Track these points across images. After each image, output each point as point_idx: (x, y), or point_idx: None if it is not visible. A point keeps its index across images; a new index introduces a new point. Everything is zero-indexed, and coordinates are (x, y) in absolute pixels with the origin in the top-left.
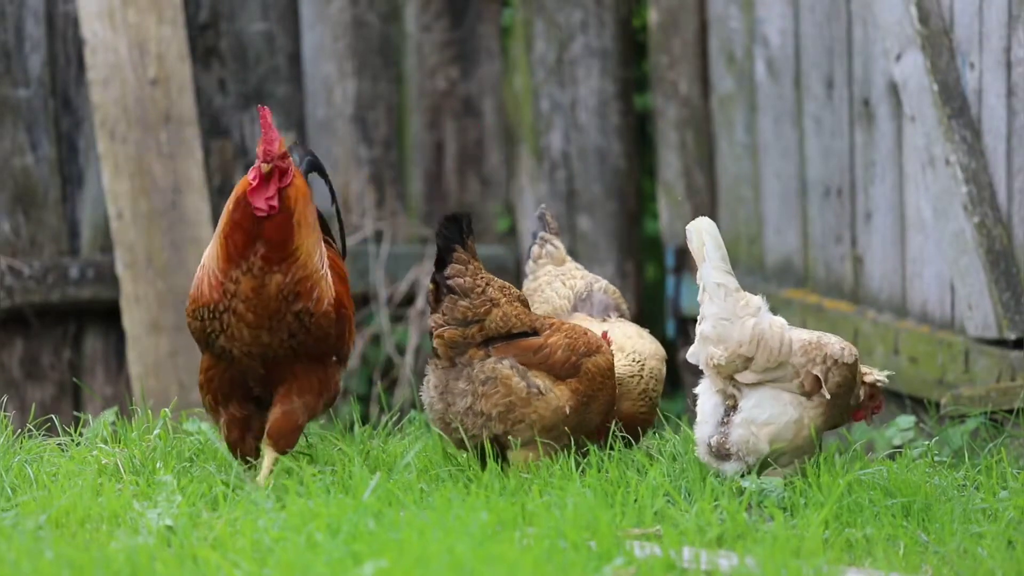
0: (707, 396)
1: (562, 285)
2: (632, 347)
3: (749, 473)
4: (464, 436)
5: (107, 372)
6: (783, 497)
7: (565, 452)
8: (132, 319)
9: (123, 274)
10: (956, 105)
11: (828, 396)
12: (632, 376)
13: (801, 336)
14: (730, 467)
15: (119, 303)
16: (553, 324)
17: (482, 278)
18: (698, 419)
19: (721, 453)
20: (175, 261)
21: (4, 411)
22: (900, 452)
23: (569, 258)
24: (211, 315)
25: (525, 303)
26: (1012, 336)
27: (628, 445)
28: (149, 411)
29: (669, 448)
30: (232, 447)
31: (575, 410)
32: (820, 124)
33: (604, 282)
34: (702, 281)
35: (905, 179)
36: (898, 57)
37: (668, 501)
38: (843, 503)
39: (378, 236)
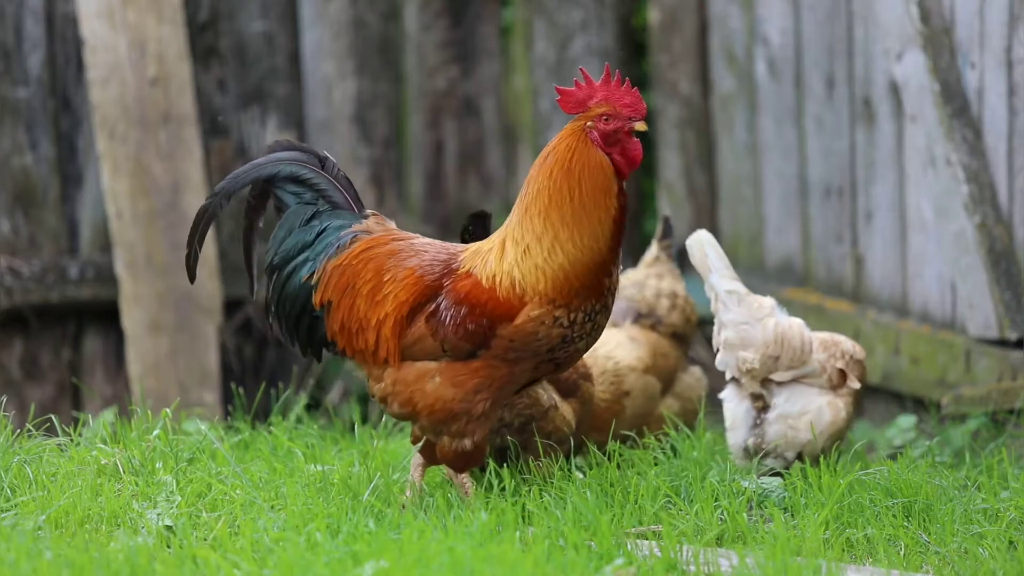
0: (736, 402)
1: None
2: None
3: (787, 469)
4: None
5: (107, 372)
6: (783, 497)
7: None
8: (132, 319)
9: (123, 274)
10: (957, 105)
11: (858, 385)
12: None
13: (815, 335)
14: (768, 464)
15: (119, 303)
16: None
17: None
18: (728, 425)
19: (758, 454)
20: (175, 261)
21: (3, 411)
22: (901, 452)
23: (659, 260)
24: (588, 316)
25: None
26: (1013, 336)
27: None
28: (149, 411)
29: (669, 448)
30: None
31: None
32: (821, 124)
33: (634, 289)
34: (713, 291)
35: (906, 179)
36: (899, 57)
37: (668, 501)
38: (844, 503)
39: None
